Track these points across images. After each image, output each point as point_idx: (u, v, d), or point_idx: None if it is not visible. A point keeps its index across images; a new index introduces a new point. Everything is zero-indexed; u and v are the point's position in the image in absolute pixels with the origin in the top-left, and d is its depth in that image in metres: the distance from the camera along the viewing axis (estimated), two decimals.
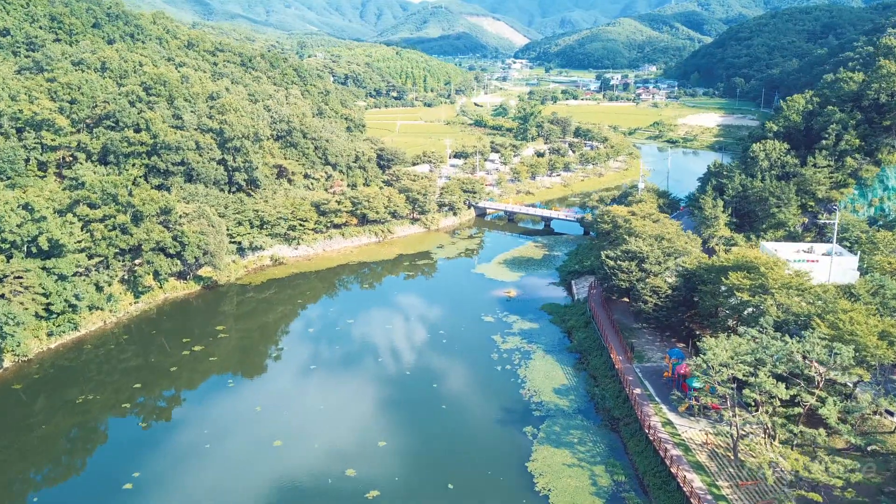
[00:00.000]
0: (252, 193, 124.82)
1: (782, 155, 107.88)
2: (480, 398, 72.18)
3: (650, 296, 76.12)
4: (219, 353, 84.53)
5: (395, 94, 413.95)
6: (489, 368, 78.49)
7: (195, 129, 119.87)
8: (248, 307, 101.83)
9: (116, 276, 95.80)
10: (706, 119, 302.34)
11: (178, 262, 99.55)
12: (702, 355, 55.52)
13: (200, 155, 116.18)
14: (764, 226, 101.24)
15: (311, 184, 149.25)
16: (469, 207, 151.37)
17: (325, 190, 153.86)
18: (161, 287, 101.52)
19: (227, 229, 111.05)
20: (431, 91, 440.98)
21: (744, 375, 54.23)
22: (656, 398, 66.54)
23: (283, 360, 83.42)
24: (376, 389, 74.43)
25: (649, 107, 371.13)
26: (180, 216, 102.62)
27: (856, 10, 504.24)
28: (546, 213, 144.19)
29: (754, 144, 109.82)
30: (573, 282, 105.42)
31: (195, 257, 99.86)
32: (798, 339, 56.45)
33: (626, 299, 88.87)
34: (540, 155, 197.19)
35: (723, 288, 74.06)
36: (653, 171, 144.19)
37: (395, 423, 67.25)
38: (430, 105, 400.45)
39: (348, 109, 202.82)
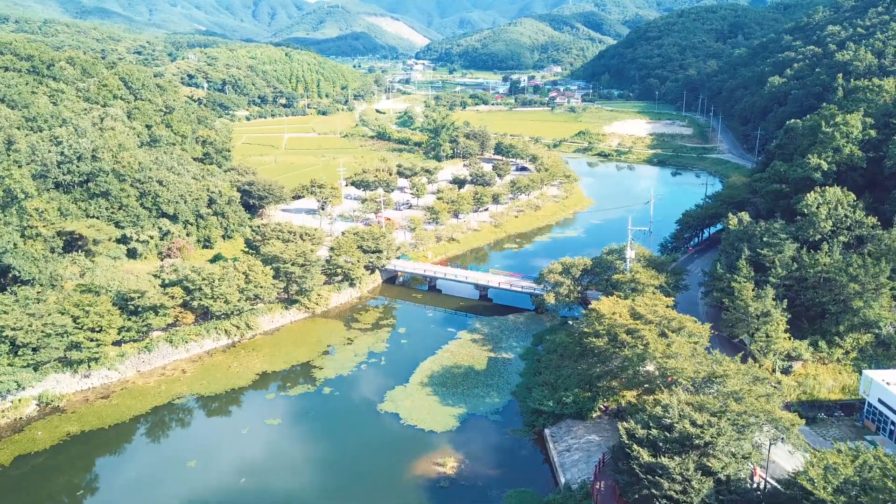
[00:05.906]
0: (5, 291, 75.22)
1: (850, 210, 70.79)
2: None
3: None
4: None
5: (283, 101, 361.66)
6: None
7: None
8: None
9: None
10: (634, 127, 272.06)
11: None
12: None
13: None
14: (841, 327, 63.77)
15: (136, 249, 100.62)
16: (372, 272, 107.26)
17: (160, 254, 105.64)
18: None
19: None
20: (326, 97, 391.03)
21: None
22: None
23: None
24: None
25: (566, 111, 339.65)
26: None
27: (759, 10, 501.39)
28: (482, 278, 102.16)
29: (809, 195, 70.95)
30: (547, 432, 63.93)
31: None
32: None
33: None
34: (460, 184, 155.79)
35: None
36: (646, 232, 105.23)
37: None
38: (324, 113, 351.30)
39: (208, 130, 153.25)
